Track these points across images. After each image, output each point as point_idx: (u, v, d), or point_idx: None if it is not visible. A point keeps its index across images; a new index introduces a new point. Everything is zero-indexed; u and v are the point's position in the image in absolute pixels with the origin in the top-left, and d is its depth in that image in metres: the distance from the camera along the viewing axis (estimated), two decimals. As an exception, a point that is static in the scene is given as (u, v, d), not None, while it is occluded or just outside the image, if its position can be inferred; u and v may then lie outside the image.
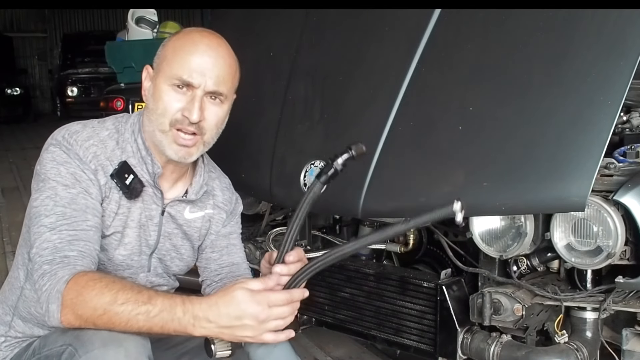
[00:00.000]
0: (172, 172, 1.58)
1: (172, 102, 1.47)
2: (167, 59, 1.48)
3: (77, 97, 12.78)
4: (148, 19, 4.70)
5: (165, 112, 1.47)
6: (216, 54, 1.49)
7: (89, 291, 1.30)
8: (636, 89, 1.91)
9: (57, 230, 1.39)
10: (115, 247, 1.53)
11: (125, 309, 1.29)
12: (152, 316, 1.29)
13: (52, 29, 18.32)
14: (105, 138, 1.52)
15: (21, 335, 1.57)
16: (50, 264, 1.36)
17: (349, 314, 2.14)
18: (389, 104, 1.89)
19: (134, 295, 1.30)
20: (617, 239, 1.67)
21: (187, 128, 1.48)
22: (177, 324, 1.30)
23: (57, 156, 1.46)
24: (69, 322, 1.33)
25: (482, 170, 1.71)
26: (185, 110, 1.47)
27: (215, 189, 1.70)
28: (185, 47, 1.48)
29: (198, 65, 1.46)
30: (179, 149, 1.50)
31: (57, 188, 1.43)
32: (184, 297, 1.33)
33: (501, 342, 1.81)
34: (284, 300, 1.33)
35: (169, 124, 1.48)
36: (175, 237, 1.63)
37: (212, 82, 1.47)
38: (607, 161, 1.78)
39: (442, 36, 1.91)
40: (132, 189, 1.50)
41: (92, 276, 1.34)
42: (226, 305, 1.30)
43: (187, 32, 1.53)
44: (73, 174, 1.45)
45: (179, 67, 1.46)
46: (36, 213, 1.43)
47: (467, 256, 2.04)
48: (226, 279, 1.70)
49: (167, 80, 1.47)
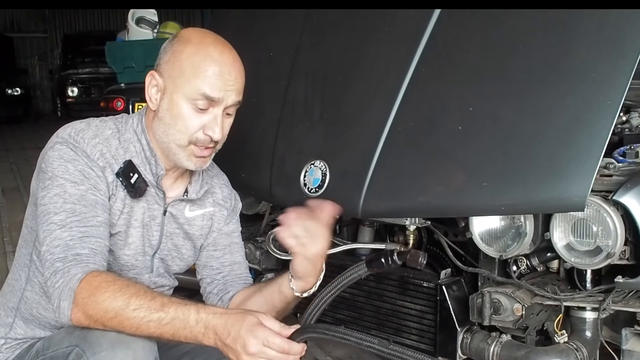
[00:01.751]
0: (173, 172, 1.59)
1: (193, 120, 1.48)
2: (186, 75, 1.47)
3: (78, 97, 12.78)
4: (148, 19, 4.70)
5: (186, 130, 1.48)
6: (235, 70, 1.50)
7: (102, 293, 1.31)
8: (636, 89, 1.91)
9: (68, 228, 1.40)
10: (120, 247, 1.53)
11: (137, 314, 1.29)
12: (164, 324, 1.30)
13: (52, 29, 18.33)
14: (109, 137, 1.52)
15: (22, 336, 1.57)
16: (63, 262, 1.36)
17: (349, 314, 2.14)
18: (389, 104, 1.89)
19: (147, 302, 1.30)
20: (617, 239, 1.67)
21: (208, 145, 1.51)
22: (189, 332, 1.31)
23: (64, 154, 1.46)
24: (78, 321, 1.33)
25: (482, 170, 1.72)
26: (207, 129, 1.48)
27: (214, 187, 1.71)
28: (206, 65, 1.47)
29: (223, 82, 1.47)
30: (197, 160, 1.52)
31: (65, 185, 1.43)
32: (198, 306, 1.33)
33: (501, 342, 1.81)
34: (280, 348, 1.31)
35: (188, 141, 1.49)
36: (176, 237, 1.63)
37: (234, 95, 1.50)
38: (607, 161, 1.78)
39: (442, 36, 1.91)
40: (137, 188, 1.51)
41: (105, 277, 1.34)
42: (233, 324, 1.30)
43: (200, 44, 1.50)
44: (81, 171, 1.45)
45: (202, 85, 1.46)
46: (45, 211, 1.42)
47: (467, 256, 2.04)
48: (228, 277, 1.70)
49: (187, 98, 1.47)
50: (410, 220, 1.93)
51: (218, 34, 1.58)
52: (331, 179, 1.92)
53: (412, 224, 1.94)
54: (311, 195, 1.94)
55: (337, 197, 1.90)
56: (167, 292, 1.71)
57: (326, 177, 1.92)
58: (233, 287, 1.69)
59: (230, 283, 1.70)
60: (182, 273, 1.74)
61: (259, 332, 1.29)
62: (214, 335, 1.31)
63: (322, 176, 1.93)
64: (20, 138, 11.14)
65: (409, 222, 1.94)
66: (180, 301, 1.34)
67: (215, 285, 1.70)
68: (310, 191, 1.94)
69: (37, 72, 18.49)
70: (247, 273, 1.75)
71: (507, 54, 1.81)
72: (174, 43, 1.52)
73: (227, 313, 1.33)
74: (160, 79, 1.50)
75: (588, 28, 1.71)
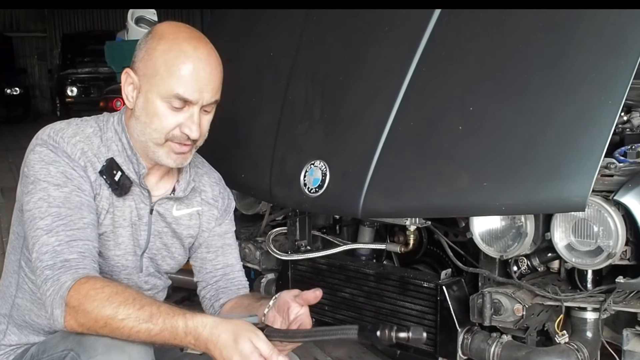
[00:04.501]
0: (157, 170, 1.56)
1: (169, 119, 1.44)
2: (160, 74, 1.43)
3: (77, 97, 12.75)
4: (148, 19, 4.71)
5: (162, 128, 1.45)
6: (209, 64, 1.45)
7: (90, 302, 1.29)
8: (636, 88, 1.91)
9: (55, 232, 1.37)
10: (110, 248, 1.51)
11: (126, 324, 1.27)
12: (153, 334, 1.28)
13: (51, 28, 18.30)
14: (90, 135, 1.49)
15: (16, 342, 1.55)
16: (52, 269, 1.34)
17: (349, 314, 2.14)
18: (389, 104, 1.89)
19: (135, 311, 1.28)
20: (618, 239, 1.67)
21: (185, 142, 1.47)
22: (179, 342, 1.29)
23: (44, 156, 1.43)
24: (72, 328, 1.32)
25: (482, 170, 1.71)
26: (184, 127, 1.45)
27: (204, 185, 1.67)
28: (178, 62, 1.42)
29: (196, 81, 1.43)
30: (176, 157, 1.48)
31: (48, 189, 1.40)
32: (187, 316, 1.29)
33: (501, 343, 1.81)
34: None
35: (165, 139, 1.46)
36: (165, 235, 1.61)
37: (210, 95, 1.45)
38: (608, 161, 1.78)
39: (442, 36, 1.91)
40: (122, 186, 1.48)
41: (93, 284, 1.32)
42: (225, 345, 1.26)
43: (174, 40, 1.45)
44: (63, 172, 1.42)
45: (176, 85, 1.42)
46: (31, 216, 1.40)
47: (467, 256, 2.04)
48: (221, 282, 1.68)
49: (162, 97, 1.44)
50: (411, 221, 1.93)
51: (218, 34, 1.56)
52: (331, 179, 1.91)
53: (412, 224, 1.94)
54: (311, 195, 1.93)
55: (337, 197, 1.90)
56: (161, 294, 1.68)
57: (326, 177, 1.92)
58: (225, 293, 1.68)
59: (222, 290, 1.68)
60: (178, 273, 1.73)
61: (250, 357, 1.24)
62: (206, 349, 1.28)
63: (322, 176, 1.93)
64: (19, 138, 11.11)
65: (409, 222, 1.93)
66: (169, 310, 1.30)
67: (209, 291, 1.69)
68: (310, 191, 1.94)
69: (36, 71, 18.45)
70: (241, 276, 1.72)
71: (507, 54, 1.81)
72: (148, 39, 1.48)
73: (217, 327, 1.28)
74: (136, 77, 1.47)
75: (588, 28, 1.71)
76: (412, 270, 2.15)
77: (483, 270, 1.92)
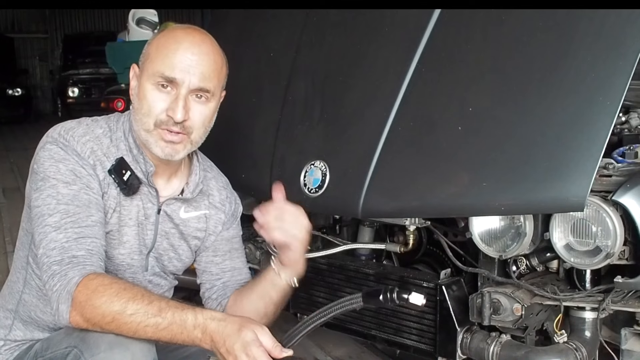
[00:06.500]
0: (164, 170, 1.57)
1: (156, 101, 1.45)
2: (151, 57, 1.47)
3: (78, 98, 12.78)
4: (149, 20, 4.71)
5: (150, 112, 1.45)
6: (200, 50, 1.46)
7: (99, 297, 1.30)
8: (635, 89, 1.91)
9: (63, 229, 1.39)
10: (115, 246, 1.52)
11: (134, 319, 1.29)
12: (161, 328, 1.29)
13: (53, 29, 18.33)
14: (100, 135, 1.51)
15: (21, 338, 1.57)
16: (60, 265, 1.35)
17: (349, 314, 2.14)
18: (389, 104, 1.89)
19: (144, 306, 1.29)
20: (616, 239, 1.67)
21: (172, 128, 1.46)
22: (186, 337, 1.30)
23: (54, 153, 1.45)
24: (77, 324, 1.33)
25: (482, 170, 1.72)
26: (169, 110, 1.45)
27: (211, 189, 1.69)
28: (168, 44, 1.46)
29: (181, 61, 1.44)
30: (165, 145, 1.47)
31: (57, 186, 1.42)
32: (196, 310, 1.32)
33: (500, 342, 1.81)
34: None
35: (153, 124, 1.46)
36: (172, 236, 1.62)
37: (197, 79, 1.45)
38: (606, 161, 1.78)
39: (442, 36, 1.91)
40: (130, 185, 1.50)
41: (102, 280, 1.33)
42: (229, 334, 1.28)
43: (171, 29, 1.51)
44: (72, 170, 1.44)
45: (162, 64, 1.44)
46: (39, 213, 1.41)
47: (466, 256, 2.04)
48: (229, 282, 1.69)
49: (150, 79, 1.45)
50: (410, 221, 1.93)
51: (218, 34, 1.57)
52: (331, 179, 1.92)
53: (412, 224, 1.94)
54: (311, 195, 1.94)
55: (337, 197, 1.91)
56: (167, 294, 1.69)
57: (326, 177, 1.93)
58: (232, 292, 1.69)
59: (230, 289, 1.69)
60: (181, 273, 1.73)
61: (252, 351, 1.26)
62: (211, 342, 1.30)
63: (322, 176, 1.93)
64: (20, 138, 11.14)
65: (409, 222, 1.94)
66: (177, 305, 1.33)
67: (215, 291, 1.69)
68: (310, 191, 1.95)
69: (37, 72, 18.48)
70: (248, 278, 1.73)
71: (507, 54, 1.81)
72: (155, 35, 1.54)
73: (225, 320, 1.31)
74: (138, 69, 1.51)
75: (588, 28, 1.71)
76: (411, 270, 2.15)
77: (482, 270, 1.92)
